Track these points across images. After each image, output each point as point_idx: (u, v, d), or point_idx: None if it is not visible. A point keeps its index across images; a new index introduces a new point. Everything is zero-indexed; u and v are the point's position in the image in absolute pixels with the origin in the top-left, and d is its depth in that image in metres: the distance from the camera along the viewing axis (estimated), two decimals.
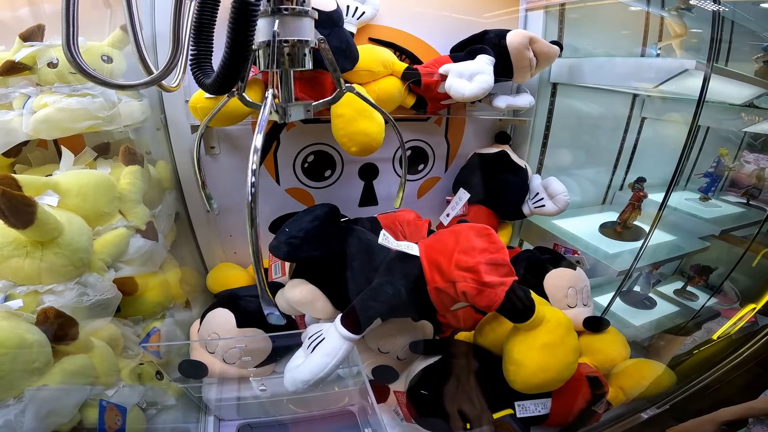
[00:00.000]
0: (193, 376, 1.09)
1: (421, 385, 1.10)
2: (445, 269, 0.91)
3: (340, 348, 0.85)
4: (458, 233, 0.96)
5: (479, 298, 0.89)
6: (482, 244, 0.92)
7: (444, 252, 0.93)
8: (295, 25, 0.70)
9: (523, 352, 0.96)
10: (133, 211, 1.10)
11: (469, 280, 0.88)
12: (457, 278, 0.89)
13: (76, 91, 1.00)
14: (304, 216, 0.99)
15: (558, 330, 0.96)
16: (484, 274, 0.88)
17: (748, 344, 1.23)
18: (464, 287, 0.88)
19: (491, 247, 0.92)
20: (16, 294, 0.85)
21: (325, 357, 0.84)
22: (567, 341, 0.97)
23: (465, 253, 0.91)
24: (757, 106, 1.50)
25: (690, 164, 1.75)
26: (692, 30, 1.45)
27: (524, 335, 0.96)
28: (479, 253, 0.90)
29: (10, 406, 0.73)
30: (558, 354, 0.96)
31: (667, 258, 1.59)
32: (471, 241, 0.92)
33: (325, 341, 0.86)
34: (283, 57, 0.72)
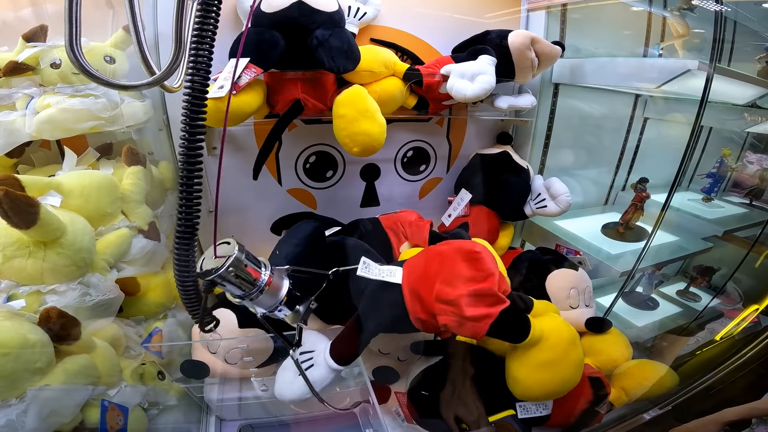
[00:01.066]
0: (195, 377, 1.10)
1: (421, 386, 1.10)
2: (426, 301, 0.87)
3: (328, 377, 0.90)
4: (444, 257, 0.91)
5: (461, 330, 0.85)
6: (468, 272, 0.86)
7: (425, 280, 0.88)
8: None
9: (521, 369, 0.94)
10: (136, 212, 1.11)
11: (450, 314, 0.84)
12: (437, 311, 0.85)
13: (79, 91, 1.00)
14: (290, 238, 1.02)
15: (557, 347, 0.93)
16: (465, 307, 0.82)
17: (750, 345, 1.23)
18: (445, 320, 0.84)
19: (478, 276, 0.86)
20: (18, 294, 0.85)
21: (315, 384, 0.89)
22: (568, 356, 0.94)
23: (447, 283, 0.85)
24: (760, 107, 1.49)
25: (693, 165, 1.75)
26: (694, 30, 1.45)
27: (521, 352, 0.94)
28: (463, 283, 0.85)
29: (12, 405, 0.73)
30: (558, 370, 0.93)
31: (669, 259, 1.58)
32: (455, 268, 0.87)
33: (315, 369, 0.91)
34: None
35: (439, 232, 1.43)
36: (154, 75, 0.63)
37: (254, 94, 1.08)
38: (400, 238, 1.37)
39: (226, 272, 0.75)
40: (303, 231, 1.05)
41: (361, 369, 1.05)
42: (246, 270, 0.78)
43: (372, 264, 0.95)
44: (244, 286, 0.79)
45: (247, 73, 1.03)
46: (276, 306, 0.84)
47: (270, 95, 1.17)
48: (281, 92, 1.15)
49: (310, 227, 1.05)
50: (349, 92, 1.12)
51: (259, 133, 1.36)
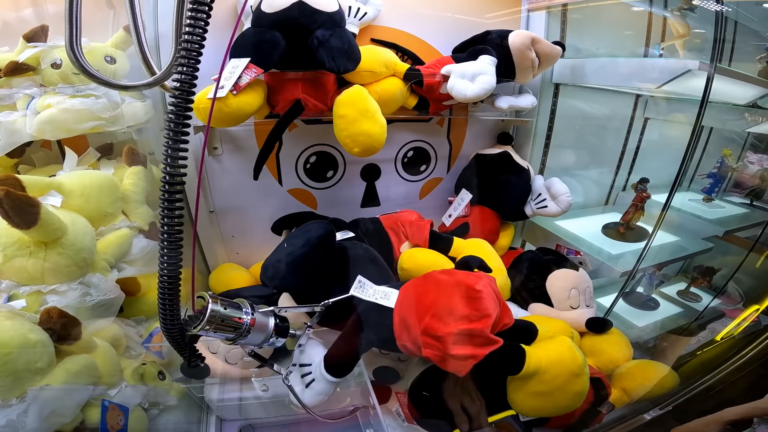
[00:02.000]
0: (195, 377, 1.09)
1: (422, 386, 1.09)
2: (413, 331, 0.86)
3: (330, 389, 0.95)
4: (442, 289, 0.89)
5: (443, 365, 0.84)
6: (463, 310, 0.84)
7: (417, 310, 0.87)
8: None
9: (516, 394, 0.94)
10: (136, 212, 1.11)
11: (434, 348, 0.83)
12: (422, 344, 0.84)
13: (80, 92, 1.00)
14: (298, 236, 1.02)
15: (556, 380, 0.90)
16: (451, 345, 0.81)
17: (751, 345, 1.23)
18: (428, 354, 0.84)
19: (472, 315, 0.83)
20: (19, 294, 0.85)
21: (319, 396, 0.94)
22: (569, 388, 0.91)
23: (438, 318, 0.84)
24: (761, 107, 1.49)
25: (693, 165, 1.75)
26: (695, 30, 1.44)
27: (518, 382, 0.92)
28: (455, 321, 0.82)
29: (13, 405, 0.73)
30: (554, 400, 0.91)
31: (670, 259, 1.58)
32: (452, 303, 0.85)
33: (316, 383, 0.94)
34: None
35: (440, 232, 1.43)
36: (155, 75, 0.63)
37: (255, 94, 1.08)
38: (401, 237, 1.37)
39: (205, 328, 0.76)
40: (313, 233, 1.04)
41: (362, 369, 1.05)
42: (226, 320, 0.79)
43: (368, 284, 0.96)
44: (229, 332, 0.80)
45: (248, 73, 1.03)
46: (267, 340, 0.86)
47: (270, 95, 1.17)
48: (282, 92, 1.15)
49: (321, 230, 1.04)
50: (349, 92, 1.12)
51: (259, 133, 1.36)
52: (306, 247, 1.01)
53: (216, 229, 1.47)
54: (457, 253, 1.29)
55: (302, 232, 1.06)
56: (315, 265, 1.01)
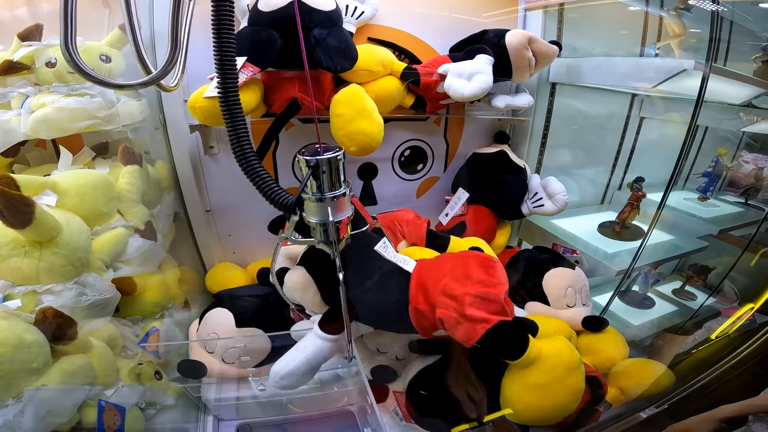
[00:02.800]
0: (192, 376, 1.09)
1: (420, 385, 1.10)
2: (431, 291, 0.87)
3: (312, 345, 0.93)
4: (461, 258, 0.93)
5: (456, 330, 0.84)
6: (480, 275, 0.87)
7: (436, 274, 0.89)
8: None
9: (512, 387, 0.91)
10: (132, 211, 1.10)
11: (450, 309, 0.83)
12: (439, 303, 0.84)
13: (75, 90, 1.00)
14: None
15: (555, 371, 0.89)
16: (468, 306, 0.82)
17: (746, 344, 1.23)
18: (443, 314, 0.84)
19: (489, 280, 0.86)
20: (14, 294, 0.84)
21: (295, 351, 0.92)
22: (566, 382, 0.90)
23: (456, 279, 0.86)
24: (756, 106, 1.50)
25: (688, 164, 1.75)
26: (691, 30, 1.45)
27: (515, 370, 0.91)
28: (473, 284, 0.85)
29: (9, 406, 0.73)
30: (551, 395, 0.89)
31: (665, 257, 1.59)
32: (469, 269, 0.88)
33: (302, 339, 0.94)
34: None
35: (437, 231, 1.43)
36: (150, 74, 0.63)
37: (251, 92, 1.08)
38: (398, 236, 1.37)
39: (334, 158, 0.77)
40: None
41: (360, 368, 1.06)
42: (339, 170, 0.80)
43: (390, 246, 0.97)
44: (334, 182, 0.80)
45: (244, 71, 1.03)
46: (348, 213, 0.84)
47: (267, 94, 1.16)
48: (278, 91, 1.15)
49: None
50: (346, 91, 1.12)
51: (256, 132, 1.35)
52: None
53: (212, 228, 1.47)
54: (454, 251, 1.29)
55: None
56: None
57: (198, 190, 1.37)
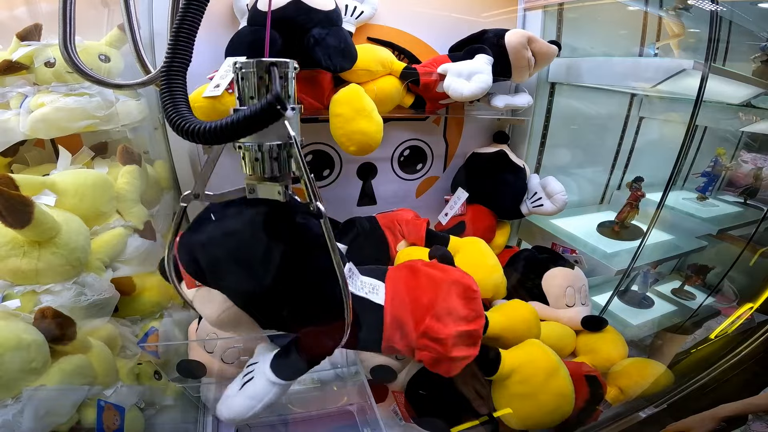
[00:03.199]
0: (192, 376, 1.09)
1: (419, 385, 1.10)
2: (410, 334, 0.81)
3: (268, 393, 0.77)
4: (439, 287, 0.86)
5: (436, 367, 0.83)
6: (462, 310, 0.83)
7: (415, 311, 0.83)
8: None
9: (502, 402, 0.93)
10: (131, 211, 1.10)
11: (432, 351, 0.80)
12: (420, 346, 0.81)
13: (74, 90, 0.99)
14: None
15: (533, 379, 0.91)
16: (451, 347, 0.80)
17: (745, 343, 1.24)
18: (423, 356, 0.81)
19: (470, 315, 0.84)
20: (13, 294, 0.84)
21: (250, 400, 0.77)
22: (548, 387, 0.92)
23: (438, 318, 0.81)
24: (755, 106, 1.50)
25: (687, 164, 1.76)
26: (690, 30, 1.45)
27: (499, 384, 0.93)
28: (455, 322, 0.81)
29: (8, 406, 0.73)
30: (538, 401, 0.91)
31: (664, 257, 1.59)
32: (450, 303, 0.83)
33: (254, 381, 0.78)
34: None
35: (436, 230, 1.43)
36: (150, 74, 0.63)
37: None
38: (397, 236, 1.37)
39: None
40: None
41: (359, 368, 1.05)
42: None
43: (356, 272, 0.86)
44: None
45: None
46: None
47: None
48: None
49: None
50: (345, 91, 1.12)
51: None
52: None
53: None
54: (454, 251, 1.29)
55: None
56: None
57: None
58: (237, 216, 0.72)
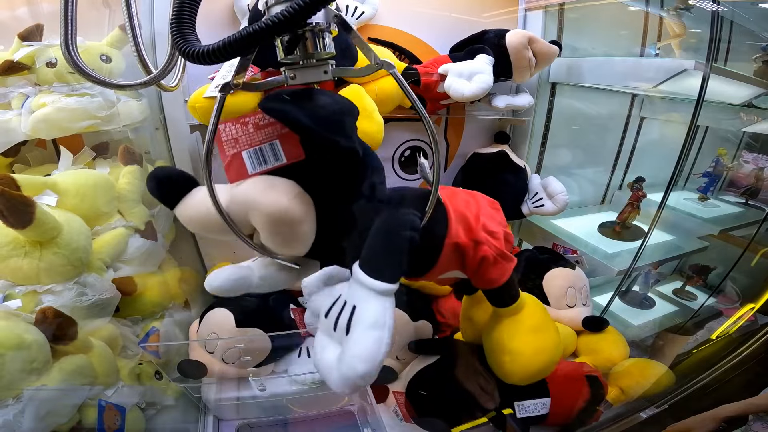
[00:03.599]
0: (193, 376, 1.09)
1: (420, 386, 1.10)
2: (473, 227, 0.80)
3: (386, 310, 0.57)
4: (475, 197, 0.90)
5: (493, 268, 0.82)
6: (499, 216, 0.88)
7: (469, 209, 0.84)
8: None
9: (518, 338, 0.92)
10: (132, 211, 1.10)
11: (492, 246, 0.81)
12: (482, 239, 0.80)
13: (75, 90, 1.00)
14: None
15: (538, 311, 0.94)
16: (505, 243, 0.84)
17: (747, 344, 1.23)
18: (486, 251, 0.80)
19: (504, 221, 0.88)
20: (14, 294, 0.85)
21: (374, 332, 0.55)
22: (549, 322, 0.96)
23: (490, 218, 0.84)
24: (756, 106, 1.50)
25: (689, 164, 1.75)
26: (691, 30, 1.45)
27: (511, 322, 0.92)
28: (498, 223, 0.85)
29: (9, 406, 0.73)
30: (547, 335, 0.93)
31: (665, 258, 1.59)
32: (489, 210, 0.87)
33: (363, 308, 0.57)
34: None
35: None
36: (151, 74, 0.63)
37: (251, 93, 1.08)
38: None
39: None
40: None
41: None
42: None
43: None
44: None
45: None
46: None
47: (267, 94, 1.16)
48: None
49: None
50: (346, 91, 1.12)
51: None
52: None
53: None
54: None
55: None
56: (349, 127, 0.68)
57: None
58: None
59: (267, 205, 0.60)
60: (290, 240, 0.65)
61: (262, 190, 0.61)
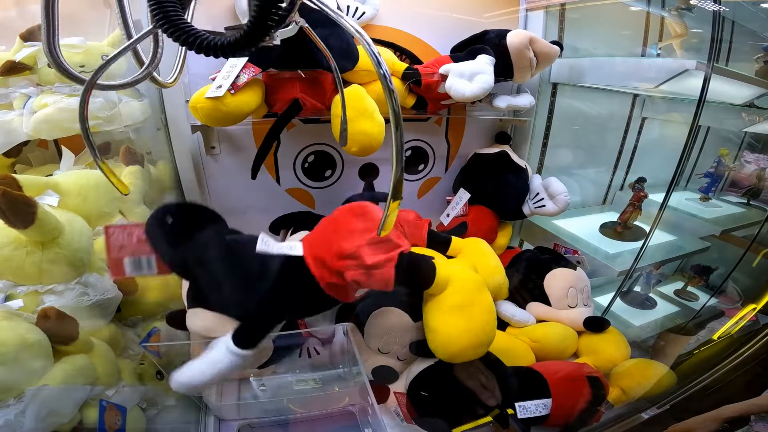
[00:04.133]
0: None
1: (421, 386, 1.10)
2: (329, 262, 0.85)
3: (221, 361, 0.82)
4: (336, 219, 0.91)
5: (371, 282, 0.85)
6: (361, 225, 0.88)
7: (325, 244, 0.88)
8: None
9: (437, 317, 0.94)
10: (134, 212, 1.10)
11: (354, 267, 0.84)
12: (342, 268, 0.84)
13: (77, 90, 1.00)
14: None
15: (467, 291, 0.95)
16: (366, 257, 0.83)
17: (748, 344, 1.23)
18: (352, 275, 0.84)
19: (370, 226, 0.87)
20: (16, 294, 0.85)
21: (205, 365, 0.82)
22: (479, 300, 0.96)
23: (344, 239, 0.86)
24: (758, 106, 1.50)
25: (690, 164, 1.75)
26: (693, 30, 1.45)
27: (434, 300, 0.95)
28: (359, 234, 0.86)
29: (10, 405, 0.73)
30: (473, 315, 0.94)
31: (667, 258, 1.59)
32: (350, 224, 0.88)
33: (212, 350, 0.84)
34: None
35: (438, 231, 1.43)
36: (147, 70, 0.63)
37: (252, 93, 1.08)
38: None
39: None
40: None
41: (360, 368, 1.05)
42: None
43: (271, 240, 0.90)
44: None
45: (246, 72, 1.03)
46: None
47: (268, 95, 1.16)
48: (280, 92, 1.15)
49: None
50: (347, 92, 1.12)
51: (257, 133, 1.36)
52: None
53: None
54: (456, 252, 1.29)
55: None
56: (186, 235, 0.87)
57: (199, 190, 1.37)
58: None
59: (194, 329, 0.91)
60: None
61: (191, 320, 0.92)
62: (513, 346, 1.26)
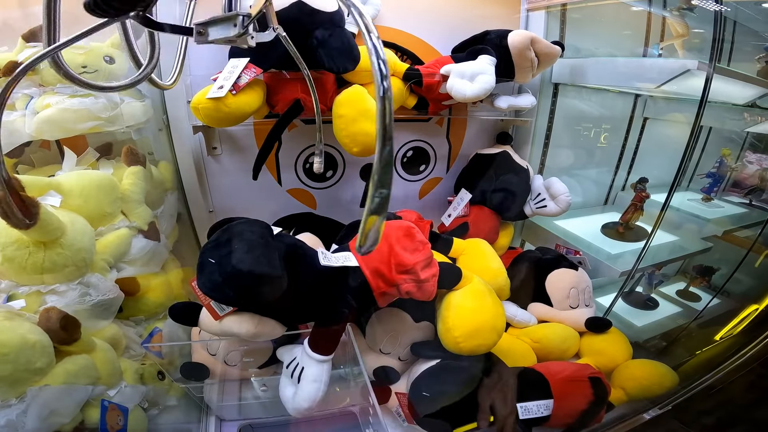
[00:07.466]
0: (195, 378, 1.10)
1: (423, 387, 1.09)
2: (387, 275, 0.95)
3: (322, 371, 0.93)
4: (388, 237, 0.99)
5: (419, 294, 0.97)
6: (412, 245, 0.98)
7: (382, 259, 0.96)
8: None
9: (451, 297, 1.04)
10: (136, 212, 1.11)
11: (410, 281, 0.95)
12: (400, 281, 0.95)
13: (79, 91, 1.00)
14: (234, 243, 0.83)
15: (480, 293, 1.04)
16: (420, 272, 0.95)
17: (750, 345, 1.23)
18: (407, 288, 0.95)
19: (420, 246, 0.99)
20: (18, 294, 0.85)
21: (314, 383, 0.92)
22: (490, 301, 1.04)
23: (402, 251, 0.97)
24: (760, 106, 1.49)
25: (692, 165, 1.75)
26: (694, 30, 1.45)
27: (452, 301, 1.03)
28: (411, 253, 0.97)
29: (12, 406, 0.73)
30: (486, 302, 1.03)
31: (669, 259, 1.58)
32: (402, 243, 0.98)
33: (307, 369, 0.93)
34: None
35: (439, 232, 1.43)
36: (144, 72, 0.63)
37: (254, 94, 1.08)
38: None
39: None
40: (250, 230, 0.91)
41: (362, 369, 1.05)
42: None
43: (328, 253, 0.98)
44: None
45: (247, 73, 1.03)
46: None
47: (270, 95, 1.17)
48: (281, 92, 1.15)
49: (256, 224, 0.94)
50: (348, 92, 1.12)
51: (258, 133, 1.36)
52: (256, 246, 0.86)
53: None
54: (457, 253, 1.29)
55: (238, 237, 0.86)
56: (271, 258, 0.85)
57: (201, 191, 1.38)
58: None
59: (245, 332, 0.87)
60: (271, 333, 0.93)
61: (237, 324, 0.87)
62: (514, 347, 1.26)
